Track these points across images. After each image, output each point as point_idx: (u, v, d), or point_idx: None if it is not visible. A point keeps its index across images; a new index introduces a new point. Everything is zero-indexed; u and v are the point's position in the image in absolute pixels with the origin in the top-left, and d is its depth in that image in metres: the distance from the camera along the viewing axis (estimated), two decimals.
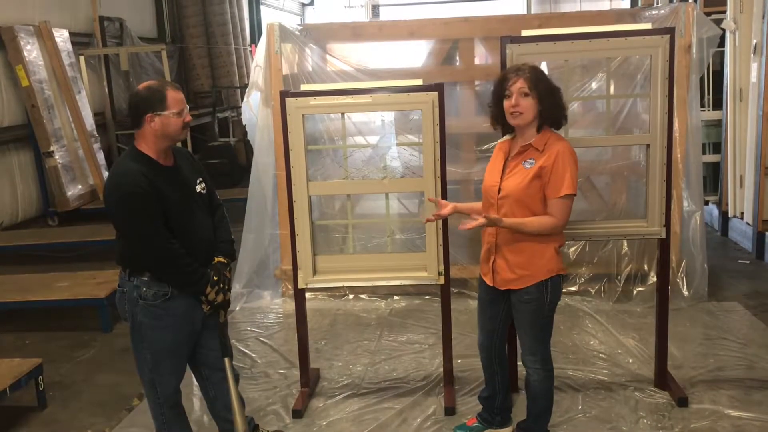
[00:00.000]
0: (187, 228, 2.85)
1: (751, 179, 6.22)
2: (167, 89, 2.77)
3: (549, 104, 2.95)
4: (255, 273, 5.58)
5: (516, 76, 2.95)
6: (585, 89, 4.97)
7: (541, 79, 2.95)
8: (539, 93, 2.92)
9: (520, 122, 2.98)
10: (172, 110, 2.75)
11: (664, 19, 4.93)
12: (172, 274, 2.81)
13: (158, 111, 2.74)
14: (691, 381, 3.87)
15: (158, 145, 2.80)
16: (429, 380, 4.01)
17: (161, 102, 2.74)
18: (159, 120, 2.74)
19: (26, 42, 7.53)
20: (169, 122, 2.75)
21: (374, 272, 3.77)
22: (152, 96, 2.75)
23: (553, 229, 2.98)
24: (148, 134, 2.78)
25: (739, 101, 6.41)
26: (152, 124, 2.75)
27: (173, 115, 2.76)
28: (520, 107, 2.94)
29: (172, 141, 2.83)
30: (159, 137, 2.78)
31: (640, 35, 3.47)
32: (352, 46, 5.65)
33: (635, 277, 5.18)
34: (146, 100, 2.76)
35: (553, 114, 2.99)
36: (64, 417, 3.83)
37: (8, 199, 7.56)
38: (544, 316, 3.07)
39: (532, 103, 2.93)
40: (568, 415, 3.56)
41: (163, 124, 2.75)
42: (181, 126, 2.80)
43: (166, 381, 2.94)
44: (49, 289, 5.19)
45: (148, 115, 2.74)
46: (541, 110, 2.94)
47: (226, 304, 2.98)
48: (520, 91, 2.93)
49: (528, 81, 2.92)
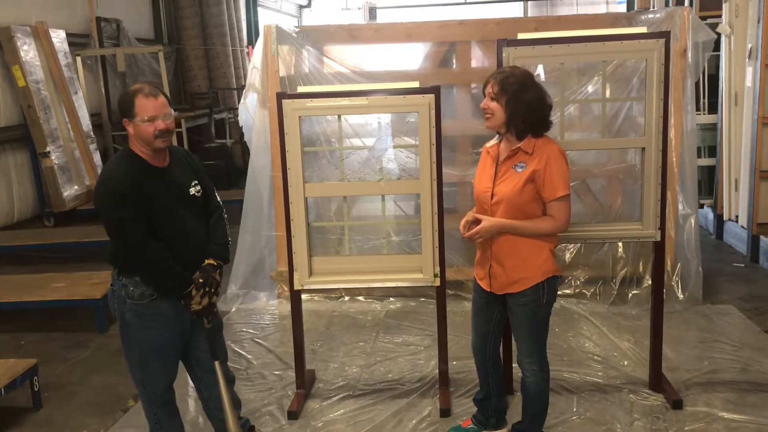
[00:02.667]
0: (174, 230, 2.84)
1: (746, 183, 6.25)
2: (137, 96, 2.75)
3: (514, 112, 2.91)
4: (251, 274, 5.58)
5: (492, 79, 2.96)
6: (581, 92, 4.99)
7: (512, 84, 2.89)
8: (506, 99, 2.90)
9: (490, 125, 3.01)
10: (140, 117, 2.74)
11: (660, 23, 4.94)
12: (149, 274, 2.80)
13: (129, 117, 2.77)
14: (686, 383, 3.88)
15: (144, 148, 2.81)
16: (424, 382, 4.02)
17: (129, 109, 2.76)
18: (131, 126, 2.77)
19: (23, 42, 7.52)
20: (139, 129, 2.75)
21: (370, 274, 3.78)
22: (122, 102, 2.81)
23: (555, 230, 3.01)
24: (131, 137, 2.82)
25: (735, 105, 6.44)
26: (128, 129, 2.79)
27: (142, 122, 2.74)
28: (489, 109, 2.96)
29: (155, 146, 2.78)
30: (139, 141, 2.79)
31: (635, 39, 3.48)
32: (349, 48, 5.65)
33: (630, 279, 5.19)
34: (119, 105, 2.84)
35: (520, 123, 2.92)
36: (59, 417, 3.83)
37: (4, 200, 7.56)
38: (541, 318, 3.08)
39: (499, 108, 2.93)
40: (563, 417, 3.57)
41: (136, 131, 2.76)
42: (152, 133, 2.74)
43: (155, 381, 2.95)
44: (45, 290, 5.18)
45: (124, 120, 2.79)
46: (507, 117, 2.93)
47: (208, 309, 2.92)
48: (489, 94, 2.95)
49: (497, 85, 2.92)
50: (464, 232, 3.06)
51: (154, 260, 2.77)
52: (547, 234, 3.01)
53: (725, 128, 6.56)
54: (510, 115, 2.92)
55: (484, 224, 2.99)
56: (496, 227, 2.98)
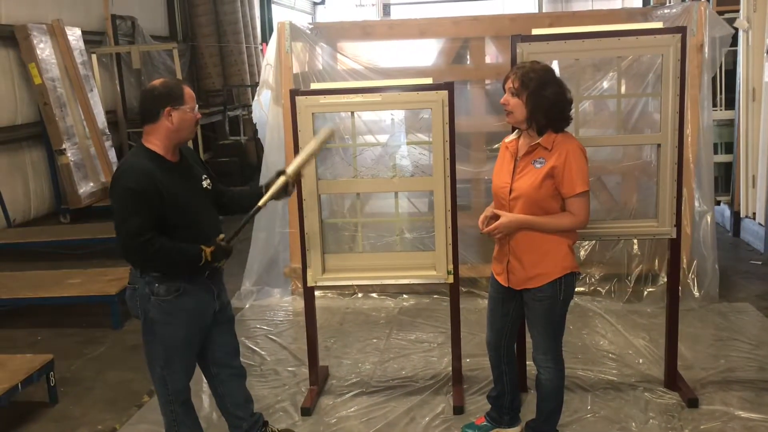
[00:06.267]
0: (194, 222, 2.86)
1: (763, 179, 6.18)
2: (183, 85, 2.87)
3: (535, 107, 2.89)
4: (265, 271, 5.60)
5: (512, 74, 2.94)
6: (596, 88, 4.95)
7: (533, 80, 2.87)
8: (527, 95, 2.88)
9: (511, 120, 2.99)
10: (189, 105, 2.83)
11: (676, 18, 4.90)
12: (164, 261, 2.78)
13: (176, 105, 2.78)
14: (702, 382, 3.85)
15: (170, 141, 2.82)
16: (438, 379, 4.01)
17: (180, 97, 2.80)
18: (177, 114, 2.79)
19: (39, 40, 7.58)
20: (185, 117, 2.81)
21: (383, 271, 3.77)
22: (171, 91, 2.81)
23: (574, 226, 2.99)
24: (161, 129, 2.80)
25: (752, 101, 6.37)
26: (170, 118, 2.78)
27: (190, 110, 2.83)
28: (509, 105, 2.94)
29: (183, 138, 2.86)
30: (173, 132, 2.81)
31: (651, 34, 3.45)
32: (362, 45, 5.65)
33: (646, 277, 5.16)
34: (165, 94, 2.80)
35: (541, 119, 2.91)
36: (75, 413, 3.86)
37: (21, 197, 7.62)
38: (557, 315, 3.06)
39: (520, 103, 2.91)
40: (578, 415, 3.55)
41: (180, 119, 2.80)
42: (194, 121, 2.87)
43: (178, 377, 2.96)
44: (61, 286, 5.22)
45: (167, 109, 2.77)
46: (528, 113, 2.91)
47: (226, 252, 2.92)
48: (510, 90, 2.93)
49: (518, 81, 2.90)
50: (483, 227, 3.05)
51: (162, 248, 2.74)
52: (565, 230, 2.99)
53: (742, 124, 6.49)
54: (531, 110, 2.90)
55: (502, 220, 2.97)
56: (515, 223, 2.97)
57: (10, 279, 5.55)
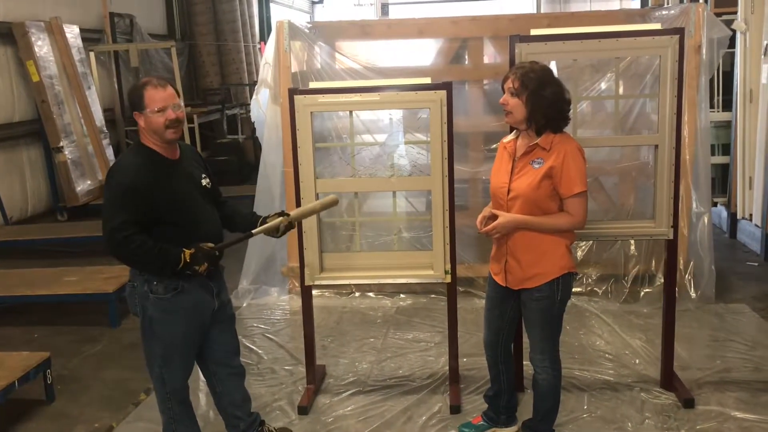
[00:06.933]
0: (193, 218, 2.87)
1: (760, 181, 6.19)
2: (146, 88, 2.78)
3: (535, 108, 2.89)
4: (262, 270, 5.60)
5: (511, 74, 2.95)
6: (594, 89, 4.96)
7: (533, 80, 2.88)
8: (527, 95, 2.89)
9: (510, 120, 3.00)
10: (151, 108, 2.76)
11: (674, 20, 4.91)
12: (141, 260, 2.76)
13: (139, 110, 2.79)
14: (698, 382, 3.86)
15: (156, 140, 2.83)
16: (435, 378, 4.02)
17: (139, 101, 2.79)
18: (142, 118, 2.79)
19: (37, 37, 7.57)
20: (150, 120, 2.77)
21: (381, 270, 3.77)
22: (132, 95, 2.86)
23: (572, 227, 3.00)
24: (143, 130, 2.84)
25: (749, 102, 6.38)
26: (140, 121, 2.81)
27: (152, 113, 2.76)
28: (509, 106, 2.95)
29: (165, 137, 2.80)
30: (150, 133, 2.82)
31: (649, 35, 3.46)
32: (361, 44, 5.65)
33: (642, 277, 5.17)
34: (130, 99, 2.88)
35: (541, 119, 2.91)
36: (71, 411, 3.85)
37: (18, 194, 7.61)
38: (554, 314, 3.07)
39: (519, 103, 2.92)
40: (574, 415, 3.56)
41: (147, 122, 2.79)
42: (163, 123, 2.76)
43: (176, 375, 2.96)
44: (58, 284, 5.22)
45: (135, 113, 2.82)
46: (527, 113, 2.92)
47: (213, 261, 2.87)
48: (509, 90, 2.94)
49: (517, 81, 2.90)
50: (481, 227, 3.05)
51: (142, 245, 2.71)
52: (563, 230, 3.00)
53: (739, 126, 6.51)
54: (531, 111, 2.91)
55: (501, 220, 2.98)
56: (513, 223, 2.98)
57: (7, 276, 5.54)
